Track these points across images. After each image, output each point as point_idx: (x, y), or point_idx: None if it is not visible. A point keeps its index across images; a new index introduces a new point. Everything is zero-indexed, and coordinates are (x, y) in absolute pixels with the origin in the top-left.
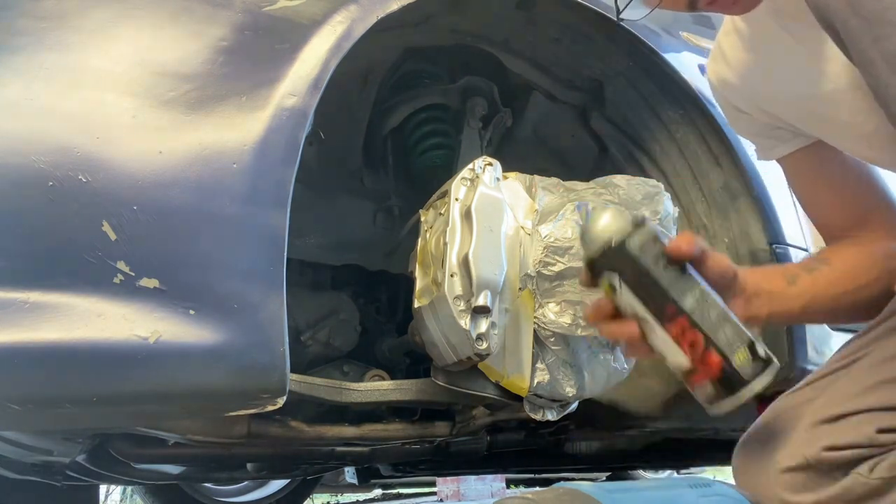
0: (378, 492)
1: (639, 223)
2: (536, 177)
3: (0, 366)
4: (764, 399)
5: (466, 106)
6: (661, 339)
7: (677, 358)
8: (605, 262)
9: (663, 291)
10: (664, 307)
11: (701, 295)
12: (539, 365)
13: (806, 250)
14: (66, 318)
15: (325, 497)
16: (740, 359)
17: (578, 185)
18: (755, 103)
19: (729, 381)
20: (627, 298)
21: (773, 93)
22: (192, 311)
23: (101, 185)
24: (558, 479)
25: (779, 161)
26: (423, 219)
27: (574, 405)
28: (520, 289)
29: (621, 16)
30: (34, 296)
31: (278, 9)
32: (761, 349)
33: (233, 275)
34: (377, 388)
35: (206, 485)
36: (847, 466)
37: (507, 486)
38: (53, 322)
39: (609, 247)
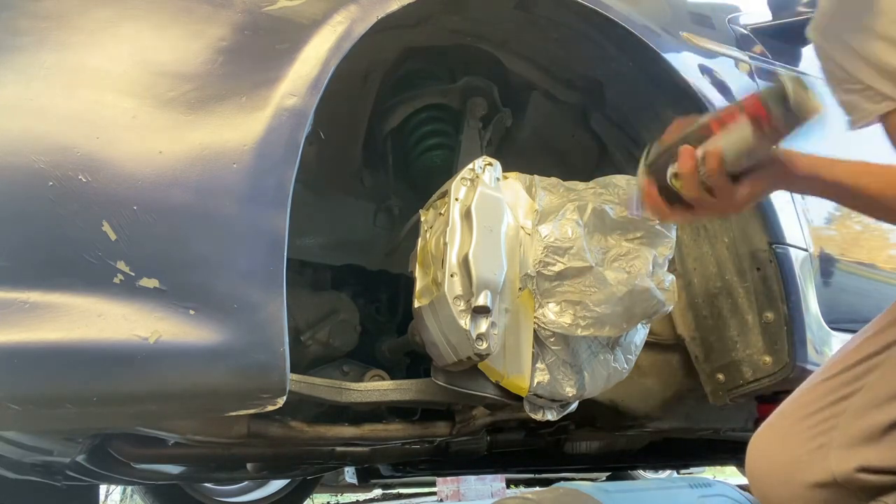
0: (378, 492)
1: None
2: (536, 177)
3: (0, 366)
4: (763, 399)
5: (466, 106)
6: (721, 137)
7: (743, 131)
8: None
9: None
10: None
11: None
12: (539, 365)
13: (806, 250)
14: (66, 318)
15: (325, 497)
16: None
17: (578, 185)
18: (849, 40)
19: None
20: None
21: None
22: (192, 311)
23: (101, 185)
24: (558, 479)
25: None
26: (423, 219)
27: (574, 405)
28: (520, 289)
29: None
30: (34, 296)
31: (278, 9)
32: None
33: (233, 275)
34: (377, 388)
35: (206, 485)
36: (873, 491)
37: (507, 486)
38: (53, 322)
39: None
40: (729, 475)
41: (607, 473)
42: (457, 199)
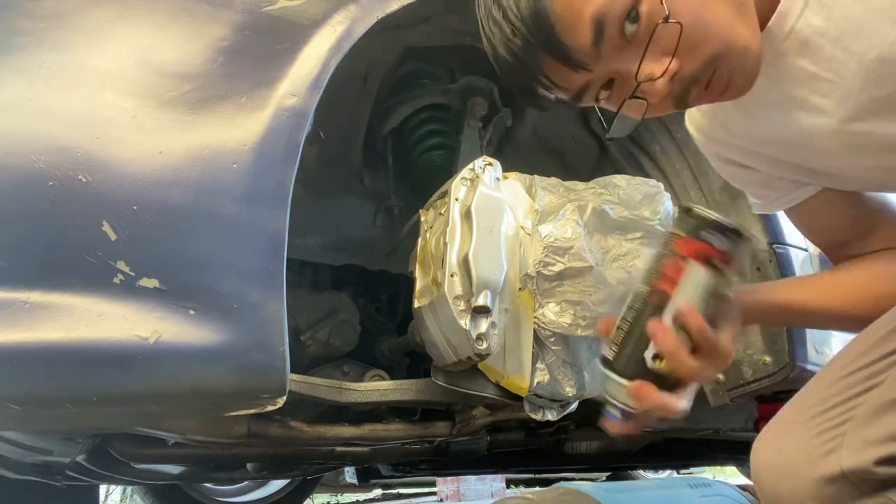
0: (378, 492)
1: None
2: (536, 177)
3: (0, 366)
4: (763, 399)
5: (466, 106)
6: (679, 294)
7: (699, 276)
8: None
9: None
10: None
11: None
12: (539, 365)
13: (805, 250)
14: (67, 318)
15: (325, 497)
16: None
17: (578, 185)
18: (751, 149)
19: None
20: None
21: (761, 130)
22: (192, 311)
23: (101, 185)
24: (558, 479)
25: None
26: (423, 219)
27: (574, 405)
28: (520, 289)
29: (608, 135)
30: (34, 296)
31: (278, 9)
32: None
33: (233, 275)
34: (377, 388)
35: (206, 485)
36: (880, 485)
37: (507, 486)
38: (53, 322)
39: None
40: (729, 475)
41: (607, 473)
42: (457, 199)
